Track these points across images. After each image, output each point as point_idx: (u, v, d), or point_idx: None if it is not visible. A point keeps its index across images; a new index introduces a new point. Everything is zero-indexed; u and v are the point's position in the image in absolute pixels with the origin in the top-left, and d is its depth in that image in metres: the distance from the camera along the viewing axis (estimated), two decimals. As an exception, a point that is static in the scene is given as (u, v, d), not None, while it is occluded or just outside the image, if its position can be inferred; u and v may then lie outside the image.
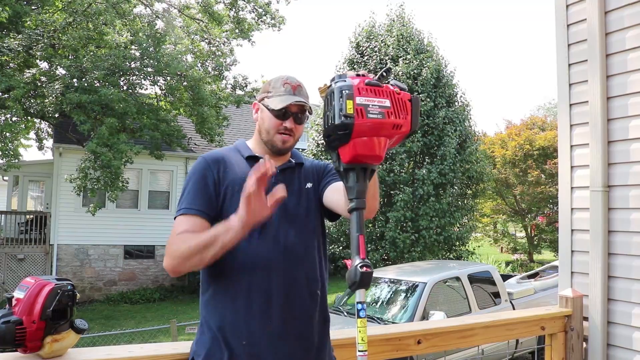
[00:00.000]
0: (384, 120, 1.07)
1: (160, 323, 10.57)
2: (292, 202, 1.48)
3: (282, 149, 1.51)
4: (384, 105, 1.08)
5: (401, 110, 1.09)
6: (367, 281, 1.06)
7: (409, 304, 6.49)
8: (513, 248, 19.54)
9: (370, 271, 1.05)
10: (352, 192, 1.13)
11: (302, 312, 1.42)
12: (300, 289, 1.42)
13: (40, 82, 12.07)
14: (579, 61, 2.55)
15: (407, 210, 12.55)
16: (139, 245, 15.20)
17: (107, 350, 1.49)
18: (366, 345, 1.05)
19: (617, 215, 2.37)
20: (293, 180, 1.53)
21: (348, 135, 1.09)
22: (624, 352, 2.31)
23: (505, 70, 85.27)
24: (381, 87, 1.10)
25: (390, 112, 1.08)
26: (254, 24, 15.18)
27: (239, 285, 1.39)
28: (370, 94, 1.08)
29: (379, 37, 14.08)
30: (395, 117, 1.08)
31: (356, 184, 1.12)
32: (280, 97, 1.48)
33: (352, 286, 1.10)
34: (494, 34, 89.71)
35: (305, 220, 1.49)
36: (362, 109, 1.07)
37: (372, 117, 1.07)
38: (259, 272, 1.39)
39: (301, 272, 1.44)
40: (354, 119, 1.07)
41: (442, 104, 13.37)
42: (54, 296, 1.30)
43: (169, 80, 12.98)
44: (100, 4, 11.91)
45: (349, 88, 1.08)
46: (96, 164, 11.34)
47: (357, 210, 1.11)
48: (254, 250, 1.40)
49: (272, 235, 1.43)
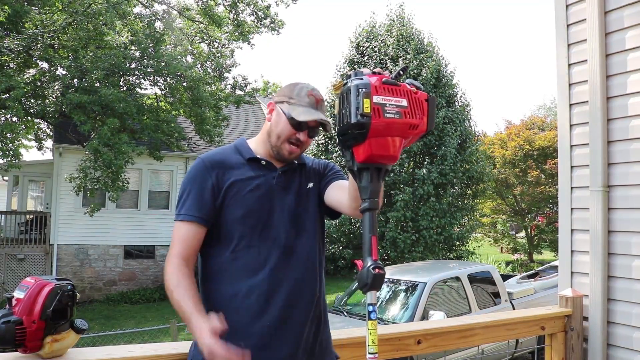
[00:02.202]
0: (401, 120, 1.05)
1: (160, 323, 10.57)
2: (293, 202, 1.47)
3: (287, 158, 1.49)
4: (401, 105, 1.06)
5: (418, 110, 1.07)
6: (379, 283, 1.05)
7: (409, 303, 6.49)
8: (513, 248, 19.53)
9: (382, 273, 1.04)
10: (366, 192, 1.11)
11: (302, 313, 1.42)
12: (300, 290, 1.42)
13: (40, 83, 12.07)
14: (579, 61, 2.55)
15: (407, 210, 12.56)
16: (139, 245, 15.19)
17: (107, 350, 1.49)
18: (377, 348, 1.03)
19: (617, 215, 2.37)
20: (295, 181, 1.51)
21: (364, 134, 1.06)
22: (624, 352, 2.31)
23: (505, 70, 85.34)
24: (398, 86, 1.07)
25: (407, 112, 1.05)
26: (253, 27, 15.19)
27: (238, 286, 1.39)
28: (387, 93, 1.06)
29: (379, 37, 14.10)
30: (412, 117, 1.06)
31: (370, 184, 1.10)
32: (303, 109, 1.43)
33: (364, 288, 1.08)
34: (494, 34, 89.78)
35: (306, 221, 1.48)
36: (379, 108, 1.04)
37: (389, 116, 1.04)
38: (259, 273, 1.39)
39: (301, 273, 1.43)
40: (370, 118, 1.04)
41: (442, 104, 13.39)
42: (54, 296, 1.30)
43: (168, 80, 12.99)
44: (101, 4, 11.91)
45: (366, 86, 1.05)
46: (97, 164, 11.34)
47: (370, 210, 1.10)
48: (255, 251, 1.40)
49: (273, 236, 1.42)
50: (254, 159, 1.49)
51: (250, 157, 1.50)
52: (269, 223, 1.43)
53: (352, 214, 1.36)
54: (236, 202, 1.42)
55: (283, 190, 1.48)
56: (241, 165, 1.48)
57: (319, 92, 1.50)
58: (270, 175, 1.47)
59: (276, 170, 1.49)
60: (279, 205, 1.45)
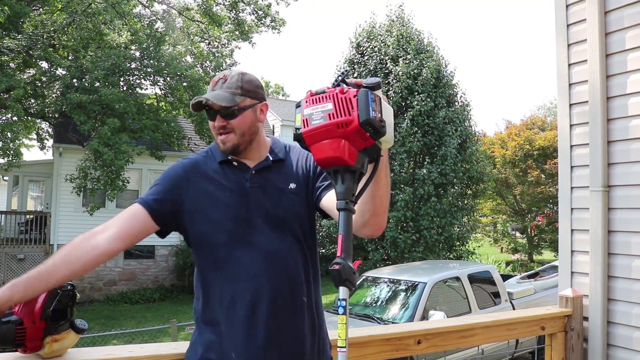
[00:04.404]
0: (327, 123, 1.10)
1: (160, 323, 10.57)
2: (271, 204, 1.41)
3: (225, 149, 1.42)
4: (326, 109, 1.11)
5: (343, 109, 1.09)
6: (335, 277, 1.05)
7: (409, 303, 6.49)
8: (513, 248, 19.53)
9: (336, 269, 1.05)
10: (338, 194, 1.15)
11: (288, 320, 1.37)
12: (284, 297, 1.36)
13: (40, 83, 12.08)
14: (579, 61, 2.55)
15: (407, 210, 12.56)
16: (139, 245, 15.17)
17: (107, 350, 1.49)
18: (344, 342, 1.05)
19: (617, 215, 2.37)
20: (270, 180, 1.44)
21: (304, 144, 1.14)
22: (624, 352, 2.31)
23: (505, 70, 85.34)
24: (326, 92, 1.12)
25: (332, 113, 1.10)
26: (253, 26, 15.19)
27: (223, 296, 1.37)
28: (314, 103, 1.12)
29: (379, 37, 14.09)
30: (337, 117, 1.09)
31: (335, 185, 1.14)
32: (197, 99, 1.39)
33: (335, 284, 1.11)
34: (494, 34, 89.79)
35: (286, 223, 1.41)
36: (307, 119, 1.12)
37: (315, 123, 1.11)
38: (241, 281, 1.35)
39: (284, 278, 1.37)
40: (301, 129, 1.12)
41: (442, 104, 13.37)
42: (53, 296, 1.30)
43: (168, 80, 12.99)
44: (100, 4, 11.91)
45: (299, 104, 1.15)
46: (97, 164, 11.35)
47: (339, 210, 1.13)
48: (235, 258, 1.36)
49: (252, 240, 1.37)
50: (225, 161, 1.45)
51: (222, 159, 1.45)
52: (250, 226, 1.38)
53: (356, 232, 1.30)
54: (211, 208, 1.39)
55: (259, 190, 1.42)
56: (215, 169, 1.44)
57: (225, 72, 1.45)
58: (243, 176, 1.42)
59: (249, 170, 1.44)
60: (255, 208, 1.40)
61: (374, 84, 1.11)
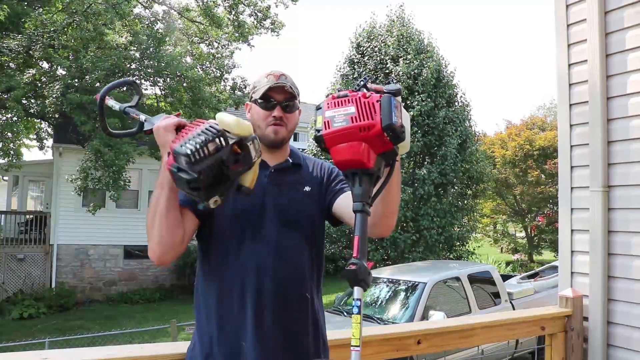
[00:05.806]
0: (349, 126, 1.12)
1: (160, 323, 10.57)
2: (286, 203, 1.45)
3: (275, 140, 1.47)
4: (349, 112, 1.13)
5: (366, 112, 1.11)
6: (350, 277, 1.07)
7: (409, 303, 6.49)
8: (513, 248, 19.53)
9: (352, 269, 1.06)
10: (355, 197, 1.16)
11: (292, 314, 1.40)
12: (290, 292, 1.40)
13: (40, 83, 12.08)
14: (579, 61, 2.55)
15: (407, 210, 12.56)
16: (139, 245, 15.18)
17: (107, 350, 1.49)
18: (358, 342, 1.06)
19: (617, 215, 2.37)
20: (287, 181, 1.49)
21: (324, 146, 1.16)
22: (624, 352, 2.31)
23: (505, 70, 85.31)
24: (348, 96, 1.14)
25: (355, 117, 1.12)
26: (253, 28, 15.19)
27: (232, 288, 1.38)
28: (336, 106, 1.15)
29: (380, 38, 14.09)
30: (360, 120, 1.11)
31: (352, 187, 1.16)
32: (263, 88, 1.47)
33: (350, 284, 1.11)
34: (494, 34, 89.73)
35: (298, 222, 1.46)
36: (328, 121, 1.14)
37: (336, 126, 1.13)
38: (250, 274, 1.38)
39: (291, 274, 1.42)
40: (322, 131, 1.14)
41: (443, 104, 13.37)
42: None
43: (168, 81, 12.99)
44: (100, 4, 11.91)
45: (320, 106, 1.18)
46: (97, 164, 11.35)
47: (356, 212, 1.14)
48: (246, 250, 1.39)
49: (264, 235, 1.41)
50: None
51: None
52: (261, 224, 1.42)
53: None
54: (228, 201, 1.41)
55: (276, 188, 1.46)
56: None
57: (280, 70, 1.51)
58: (263, 173, 1.45)
59: (269, 168, 1.48)
60: (270, 204, 1.44)
61: (395, 91, 1.14)
